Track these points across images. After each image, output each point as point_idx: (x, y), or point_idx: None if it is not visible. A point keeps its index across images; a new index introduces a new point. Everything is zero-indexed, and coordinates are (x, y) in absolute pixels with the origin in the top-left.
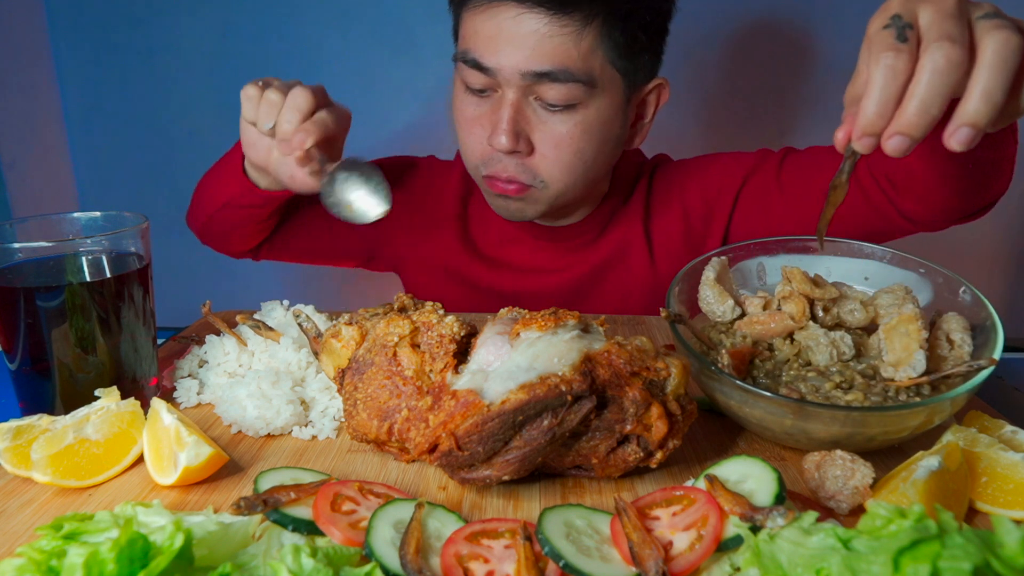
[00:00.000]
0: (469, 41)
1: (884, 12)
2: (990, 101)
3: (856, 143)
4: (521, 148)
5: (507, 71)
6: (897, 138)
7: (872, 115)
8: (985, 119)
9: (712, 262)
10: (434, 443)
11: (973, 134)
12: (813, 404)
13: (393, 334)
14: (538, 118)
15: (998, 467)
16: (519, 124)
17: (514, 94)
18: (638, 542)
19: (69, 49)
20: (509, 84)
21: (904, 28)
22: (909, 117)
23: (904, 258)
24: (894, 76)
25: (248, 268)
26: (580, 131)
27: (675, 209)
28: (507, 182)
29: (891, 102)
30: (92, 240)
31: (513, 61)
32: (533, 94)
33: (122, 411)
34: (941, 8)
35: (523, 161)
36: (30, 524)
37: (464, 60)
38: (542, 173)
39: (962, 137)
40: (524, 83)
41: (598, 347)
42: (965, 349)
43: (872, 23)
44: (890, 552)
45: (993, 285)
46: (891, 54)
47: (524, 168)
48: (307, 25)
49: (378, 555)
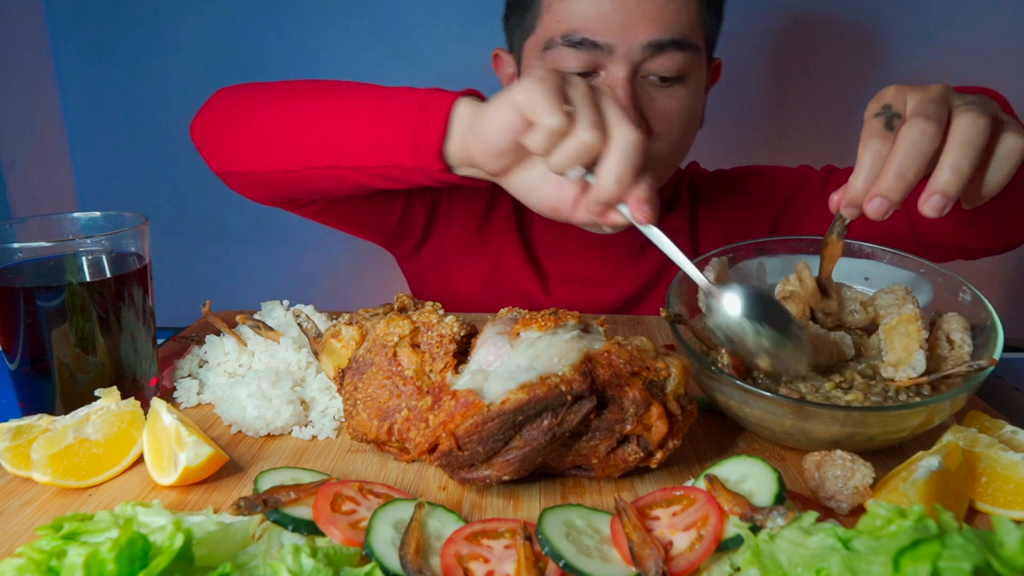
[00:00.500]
0: (569, 21)
1: (879, 100)
2: (958, 173)
3: (843, 210)
4: (642, 127)
5: (627, 45)
6: (877, 200)
7: (858, 189)
8: (954, 188)
9: (712, 263)
10: (434, 443)
11: (943, 202)
12: (813, 404)
13: (393, 334)
14: (647, 95)
15: (998, 467)
16: (635, 101)
17: (624, 71)
18: (638, 542)
19: (69, 49)
20: (624, 60)
21: (892, 117)
22: (887, 181)
23: (904, 258)
24: (878, 159)
25: (248, 268)
26: (686, 105)
27: (720, 221)
28: None
29: (873, 179)
30: (92, 240)
31: (635, 35)
32: (641, 71)
33: (122, 411)
34: (926, 95)
35: None
36: (30, 524)
37: (568, 43)
38: (656, 152)
39: (934, 204)
40: (640, 57)
41: (598, 347)
42: (965, 349)
43: (868, 108)
44: (890, 552)
45: (993, 285)
46: (878, 141)
47: None
48: (307, 25)
49: (378, 555)
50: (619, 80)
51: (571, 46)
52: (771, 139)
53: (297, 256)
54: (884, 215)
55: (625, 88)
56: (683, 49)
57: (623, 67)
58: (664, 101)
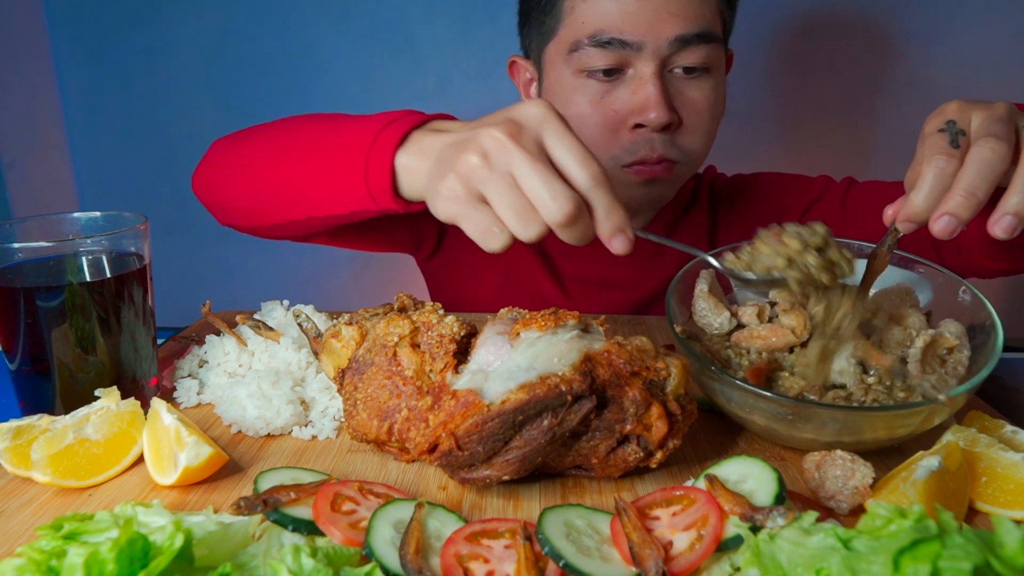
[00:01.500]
0: (596, 22)
1: (940, 115)
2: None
3: (900, 224)
4: (674, 120)
5: (655, 41)
6: (945, 219)
7: (918, 206)
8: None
9: (702, 274)
10: (434, 443)
11: (1016, 223)
12: (813, 404)
13: (393, 334)
14: (676, 89)
15: (998, 467)
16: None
17: (653, 67)
18: (638, 542)
19: (69, 49)
20: (652, 56)
21: (957, 135)
22: (957, 199)
23: (904, 258)
24: (943, 178)
25: (248, 268)
26: (714, 96)
27: (739, 227)
28: (657, 163)
29: (937, 198)
30: (92, 240)
31: (663, 30)
32: (669, 65)
33: (122, 411)
34: (992, 114)
35: (671, 136)
36: (30, 524)
37: (596, 43)
38: (687, 145)
39: (1005, 225)
40: (668, 52)
41: (598, 347)
42: (964, 354)
43: (928, 123)
44: (890, 552)
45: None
46: (943, 158)
47: (672, 143)
48: (307, 25)
49: (378, 555)
50: (648, 76)
51: (598, 46)
52: (771, 139)
53: (297, 256)
54: (952, 234)
55: (655, 83)
56: (708, 41)
57: (651, 63)
58: (692, 93)
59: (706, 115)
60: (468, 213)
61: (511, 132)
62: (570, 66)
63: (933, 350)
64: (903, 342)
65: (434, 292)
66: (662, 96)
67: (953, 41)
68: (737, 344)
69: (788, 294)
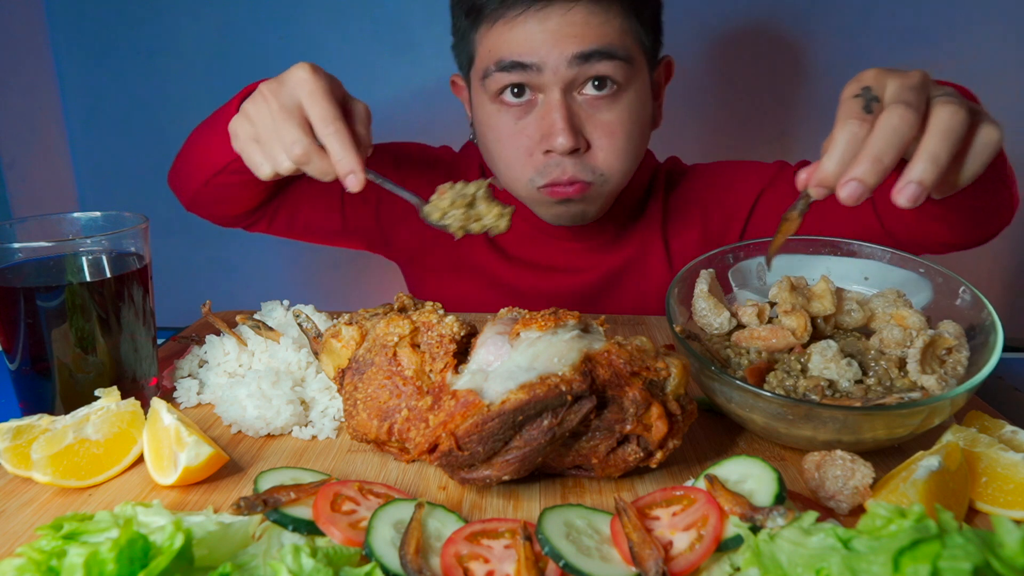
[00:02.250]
0: (499, 51)
1: (858, 82)
2: (935, 162)
3: (812, 189)
4: (580, 145)
5: (555, 61)
6: (852, 184)
7: (829, 170)
8: (930, 178)
9: (702, 274)
10: (434, 443)
11: (919, 191)
12: (812, 403)
13: (393, 334)
14: (586, 112)
15: (998, 467)
16: (573, 120)
17: (558, 92)
18: (638, 542)
19: (69, 49)
20: (554, 80)
21: (871, 101)
22: (863, 165)
23: (904, 258)
24: (854, 140)
25: (248, 268)
26: (627, 115)
27: (694, 215)
28: (569, 184)
29: (848, 161)
30: (92, 240)
31: (560, 49)
32: (576, 88)
33: (122, 411)
34: (906, 81)
35: (580, 158)
36: (30, 524)
37: (501, 68)
38: (601, 166)
39: (909, 193)
40: (570, 73)
41: (598, 347)
42: (963, 354)
43: (846, 89)
44: (890, 552)
45: (993, 285)
46: (855, 122)
47: (583, 166)
48: (307, 25)
49: (378, 555)
50: (554, 103)
51: (503, 71)
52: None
53: (297, 256)
54: (858, 200)
55: (560, 109)
56: (610, 59)
57: (556, 89)
58: (603, 115)
59: (619, 135)
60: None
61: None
62: (487, 92)
63: (932, 350)
64: (903, 342)
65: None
66: (567, 123)
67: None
68: (737, 344)
69: (789, 295)
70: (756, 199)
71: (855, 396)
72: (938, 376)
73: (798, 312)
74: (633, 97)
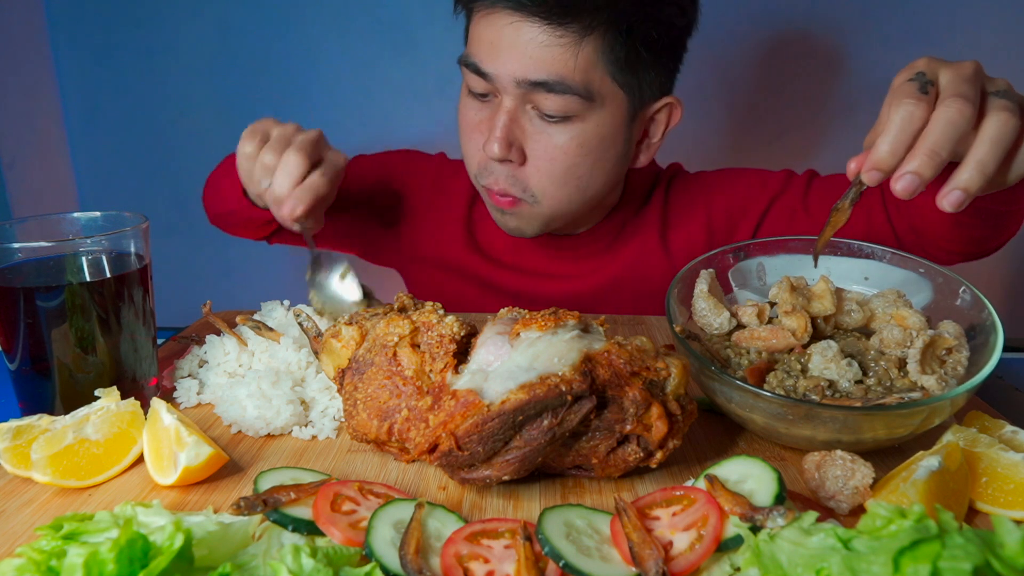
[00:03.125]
0: (472, 45)
1: (910, 69)
2: (983, 171)
3: (864, 175)
4: (513, 157)
5: (503, 78)
6: (908, 177)
7: (885, 152)
8: (976, 186)
9: (702, 274)
10: (434, 443)
11: (964, 198)
12: (812, 404)
13: (393, 334)
14: (534, 128)
15: (998, 467)
16: (513, 132)
17: (511, 102)
18: (638, 542)
19: (69, 49)
20: (506, 91)
21: (927, 84)
22: (920, 159)
23: (904, 258)
24: (911, 121)
25: (248, 268)
26: (575, 145)
27: (698, 220)
28: (501, 194)
29: (904, 144)
30: (92, 240)
31: (509, 68)
32: (530, 103)
33: (122, 411)
34: (960, 72)
35: (514, 172)
36: (30, 524)
37: (466, 64)
38: (533, 186)
39: (954, 199)
40: (520, 91)
41: (598, 347)
42: (963, 354)
43: (898, 77)
44: (890, 552)
45: (993, 285)
46: (912, 101)
47: (515, 180)
48: (307, 25)
49: (378, 555)
50: (503, 108)
51: (468, 67)
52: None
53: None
54: (912, 193)
55: (503, 117)
56: (559, 92)
57: (508, 98)
58: (549, 137)
59: (558, 163)
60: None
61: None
62: (464, 80)
63: (932, 350)
64: (903, 342)
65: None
66: (503, 132)
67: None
68: (737, 344)
69: (790, 295)
70: (767, 208)
71: (855, 396)
72: (938, 376)
73: (798, 313)
74: (591, 129)
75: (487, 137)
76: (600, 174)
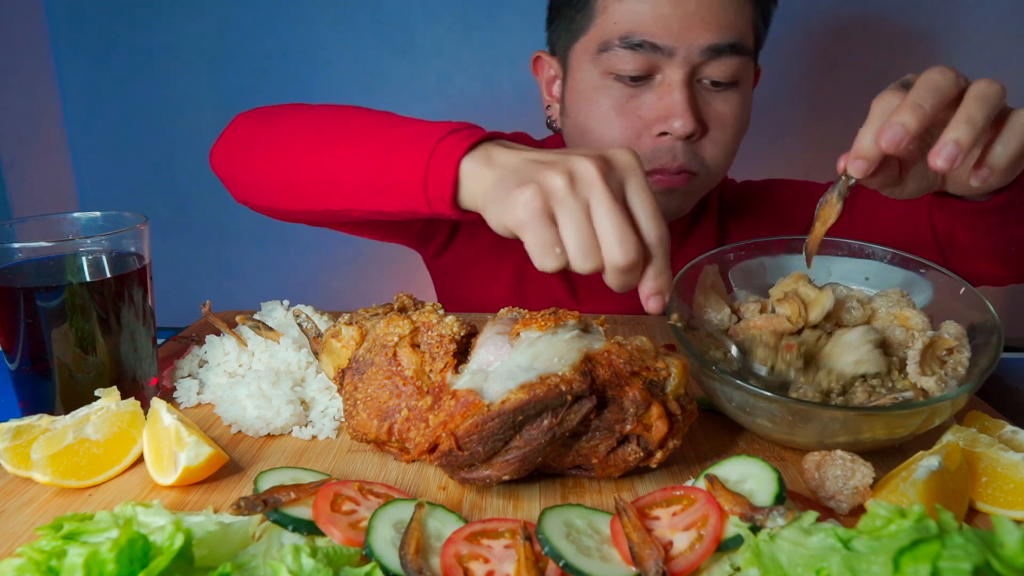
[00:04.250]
0: (628, 24)
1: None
2: (972, 124)
3: (850, 166)
4: (698, 131)
5: (686, 48)
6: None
7: (866, 142)
8: (967, 138)
9: (705, 270)
10: (434, 443)
11: (956, 150)
12: (813, 404)
13: (393, 334)
14: (703, 99)
15: (998, 467)
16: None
17: (682, 74)
18: (638, 542)
19: (69, 49)
20: (682, 63)
21: (907, 83)
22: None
23: (904, 258)
24: (888, 109)
25: (248, 268)
26: (740, 109)
27: (748, 230)
28: (677, 172)
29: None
30: (92, 240)
31: (692, 37)
32: (698, 74)
33: (122, 411)
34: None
35: (692, 147)
36: (30, 524)
37: (627, 45)
38: (707, 157)
39: (946, 153)
40: (699, 60)
41: (598, 347)
42: (964, 355)
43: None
44: (890, 552)
45: None
46: (891, 94)
47: (694, 154)
48: (307, 25)
49: (378, 555)
50: (676, 83)
51: (629, 48)
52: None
53: (297, 256)
54: (899, 144)
55: (683, 91)
56: (740, 54)
57: (680, 70)
58: (719, 106)
59: (731, 128)
60: (535, 226)
61: (601, 168)
62: (597, 66)
63: (932, 351)
64: (905, 343)
65: (441, 291)
66: (689, 104)
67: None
68: (735, 336)
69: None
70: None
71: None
72: (937, 377)
73: (791, 300)
74: (746, 92)
75: (663, 117)
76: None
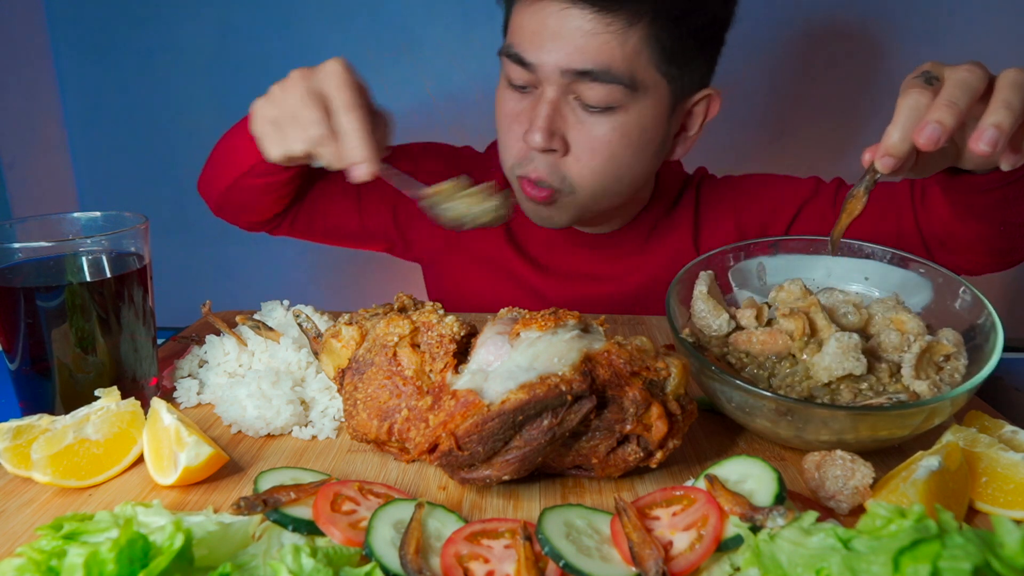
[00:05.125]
0: (514, 35)
1: (916, 70)
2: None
3: (878, 161)
4: (556, 147)
5: (548, 68)
6: (931, 126)
7: (896, 138)
8: (1007, 122)
9: (701, 276)
10: (434, 443)
11: (997, 134)
12: (812, 404)
13: (393, 334)
14: (576, 118)
15: (998, 467)
16: (556, 123)
17: (554, 92)
18: (638, 542)
19: (69, 49)
20: (549, 81)
21: (932, 79)
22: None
23: (904, 258)
24: (918, 108)
25: (248, 268)
26: (618, 136)
27: (728, 225)
28: (536, 184)
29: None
30: (92, 240)
31: (554, 58)
32: (573, 93)
33: (122, 411)
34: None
35: (556, 162)
36: (30, 524)
37: (507, 55)
38: (572, 176)
39: (988, 137)
40: (564, 81)
41: (598, 347)
42: (961, 362)
43: (906, 79)
44: (890, 552)
45: (993, 285)
46: (916, 91)
47: (555, 170)
48: (307, 25)
49: (378, 555)
50: (545, 98)
51: (510, 58)
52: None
53: (297, 256)
54: (937, 142)
55: (546, 107)
56: (604, 81)
57: (551, 88)
58: (591, 128)
59: (599, 153)
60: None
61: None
62: (503, 71)
63: (929, 356)
64: (900, 347)
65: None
66: (546, 122)
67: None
68: (735, 347)
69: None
70: (796, 214)
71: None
72: (931, 382)
73: (796, 315)
74: (632, 119)
75: (528, 127)
76: (638, 166)
